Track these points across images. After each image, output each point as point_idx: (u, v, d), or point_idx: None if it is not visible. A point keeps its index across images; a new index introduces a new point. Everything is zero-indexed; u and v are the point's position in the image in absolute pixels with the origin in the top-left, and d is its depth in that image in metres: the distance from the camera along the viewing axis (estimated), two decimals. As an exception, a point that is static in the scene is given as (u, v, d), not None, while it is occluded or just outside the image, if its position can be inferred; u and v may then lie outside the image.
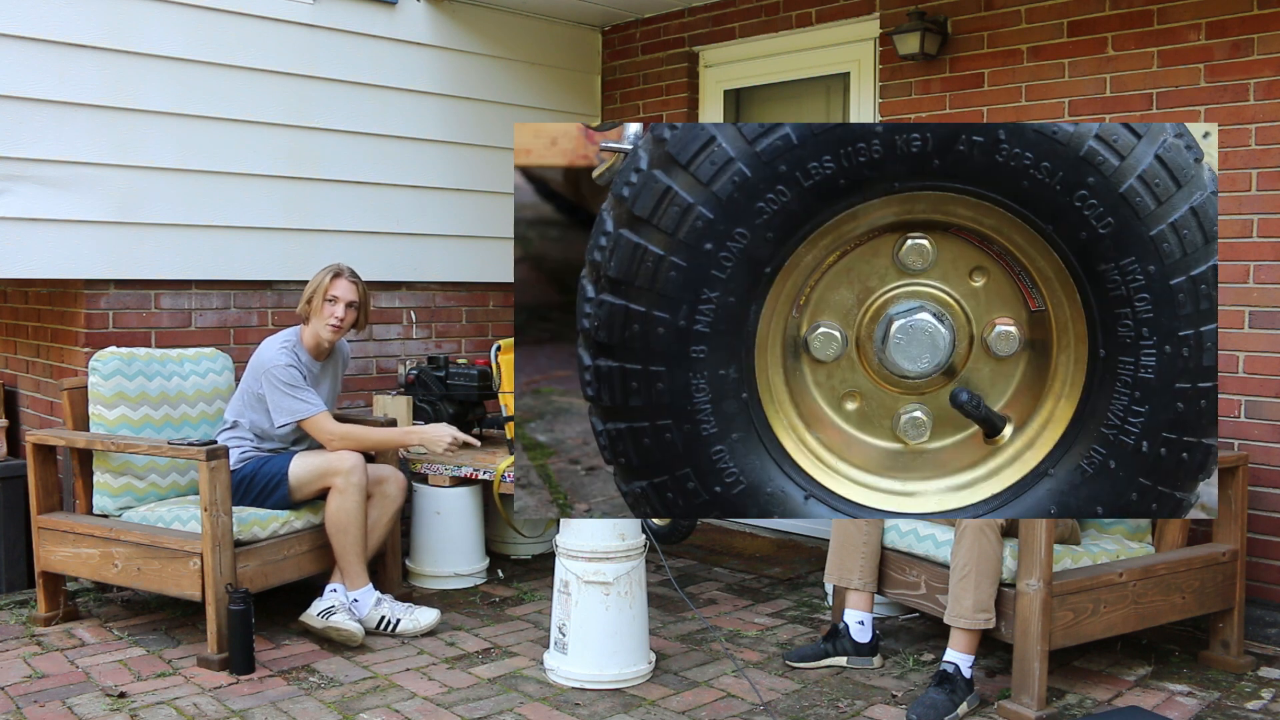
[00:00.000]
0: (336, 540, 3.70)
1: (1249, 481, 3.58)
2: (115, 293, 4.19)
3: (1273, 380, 3.70)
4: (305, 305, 3.86)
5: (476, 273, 5.20)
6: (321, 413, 3.78)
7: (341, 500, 3.68)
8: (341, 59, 4.65)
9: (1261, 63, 3.67)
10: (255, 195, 4.44)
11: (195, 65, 4.24)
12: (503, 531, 4.71)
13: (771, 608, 4.11)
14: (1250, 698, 3.26)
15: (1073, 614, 3.09)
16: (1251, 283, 3.72)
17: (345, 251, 4.65)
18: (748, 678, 3.36)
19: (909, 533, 3.42)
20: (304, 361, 3.85)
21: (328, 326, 3.84)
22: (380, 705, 3.16)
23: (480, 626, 3.87)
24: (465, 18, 5.06)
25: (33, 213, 3.89)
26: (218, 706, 3.13)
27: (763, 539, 5.11)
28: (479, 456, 4.36)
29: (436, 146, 5.00)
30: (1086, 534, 3.54)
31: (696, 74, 5.37)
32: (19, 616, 3.92)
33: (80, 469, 3.84)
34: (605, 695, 3.25)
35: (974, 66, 4.31)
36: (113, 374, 3.82)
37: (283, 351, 3.78)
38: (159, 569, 3.50)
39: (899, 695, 3.25)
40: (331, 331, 3.85)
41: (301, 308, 3.88)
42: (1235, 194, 3.74)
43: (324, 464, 3.71)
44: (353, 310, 3.89)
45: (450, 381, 4.55)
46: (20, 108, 3.85)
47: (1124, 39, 3.95)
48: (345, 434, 3.81)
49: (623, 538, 3.32)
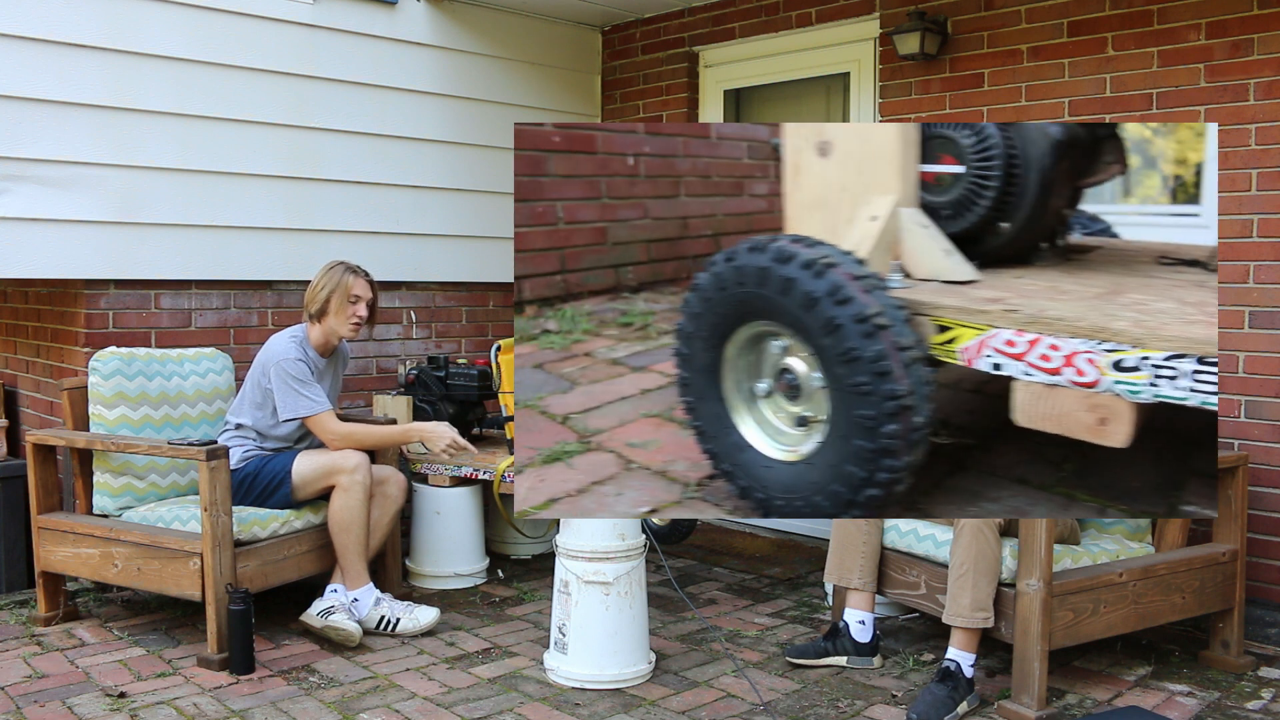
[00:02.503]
0: (339, 539, 3.70)
1: (1249, 481, 3.58)
2: (115, 293, 4.19)
3: (1273, 380, 3.70)
4: (322, 304, 3.83)
5: (476, 273, 5.20)
6: (326, 411, 3.78)
7: (345, 499, 3.68)
8: (341, 59, 4.65)
9: (1261, 63, 3.67)
10: (255, 195, 4.44)
11: (195, 65, 4.24)
12: (503, 531, 4.71)
13: (771, 608, 4.11)
14: (1250, 698, 3.26)
15: (1073, 614, 3.09)
16: (1251, 283, 3.72)
17: (345, 251, 4.64)
18: (748, 678, 3.36)
19: (909, 533, 3.42)
20: (311, 357, 3.85)
21: (349, 325, 3.84)
22: (380, 705, 3.16)
23: (480, 626, 3.87)
24: (465, 18, 5.06)
25: (33, 213, 3.89)
26: (218, 706, 3.13)
27: (763, 539, 5.11)
28: (479, 456, 4.36)
29: (436, 146, 5.00)
30: (1086, 534, 3.54)
31: (696, 74, 5.37)
32: (19, 616, 3.92)
33: (80, 469, 3.84)
34: (605, 695, 3.25)
35: (974, 66, 4.31)
36: (113, 374, 3.82)
37: (292, 345, 3.79)
38: (159, 569, 3.50)
39: (899, 695, 3.25)
40: (352, 330, 3.86)
41: (316, 306, 3.85)
42: (1235, 194, 3.74)
43: (328, 463, 3.72)
44: (368, 309, 3.90)
45: (450, 381, 4.55)
46: (20, 108, 3.85)
47: (1124, 39, 3.95)
48: (348, 433, 3.82)
49: (623, 538, 3.32)
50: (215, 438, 3.85)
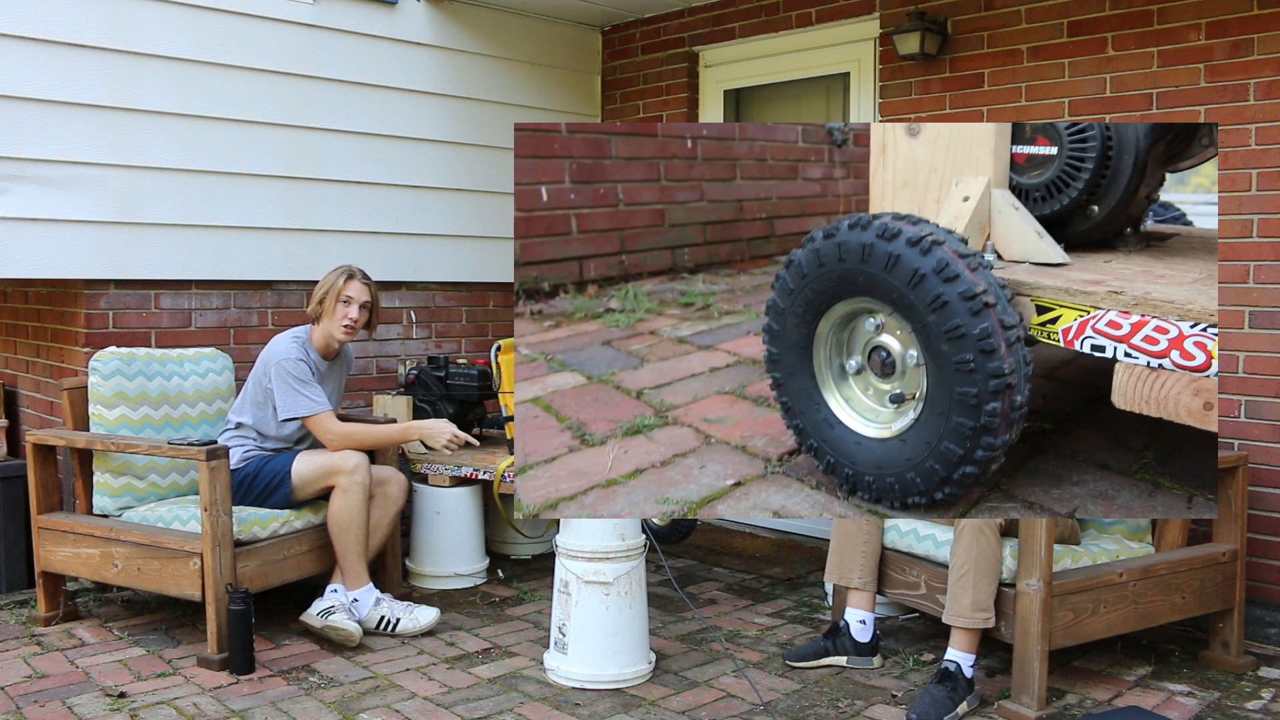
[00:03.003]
0: (338, 540, 3.70)
1: (1249, 481, 3.58)
2: (115, 293, 4.19)
3: (1273, 380, 3.70)
4: (317, 305, 3.86)
5: (476, 273, 5.20)
6: (326, 411, 3.78)
7: (345, 499, 3.68)
8: (341, 59, 4.65)
9: (1261, 63, 3.67)
10: (255, 195, 4.44)
11: (195, 65, 4.24)
12: (503, 531, 4.71)
13: (771, 608, 4.11)
14: (1250, 698, 3.26)
15: (1073, 614, 3.09)
16: (1251, 283, 3.72)
17: (345, 251, 4.65)
18: (748, 678, 3.36)
19: (909, 532, 3.42)
20: (313, 359, 3.85)
21: (341, 328, 3.84)
22: (380, 705, 3.16)
23: (480, 626, 3.87)
24: (465, 18, 5.06)
25: (33, 213, 3.89)
26: (218, 706, 3.13)
27: (763, 539, 5.11)
28: (479, 456, 4.36)
29: (436, 146, 5.00)
30: (1086, 534, 3.54)
31: (696, 74, 5.37)
32: (19, 616, 3.92)
33: (80, 469, 3.84)
34: (605, 695, 3.25)
35: (974, 66, 4.31)
36: (113, 374, 3.82)
37: (294, 345, 3.80)
38: (159, 569, 3.50)
39: (899, 695, 3.25)
40: (344, 332, 3.86)
41: (313, 308, 3.87)
42: (1235, 194, 3.74)
43: (328, 463, 3.72)
44: (365, 311, 3.90)
45: (450, 381, 4.55)
46: (20, 108, 3.85)
47: (1124, 39, 3.95)
48: (347, 433, 3.82)
49: (623, 538, 3.32)
50: (216, 437, 3.85)
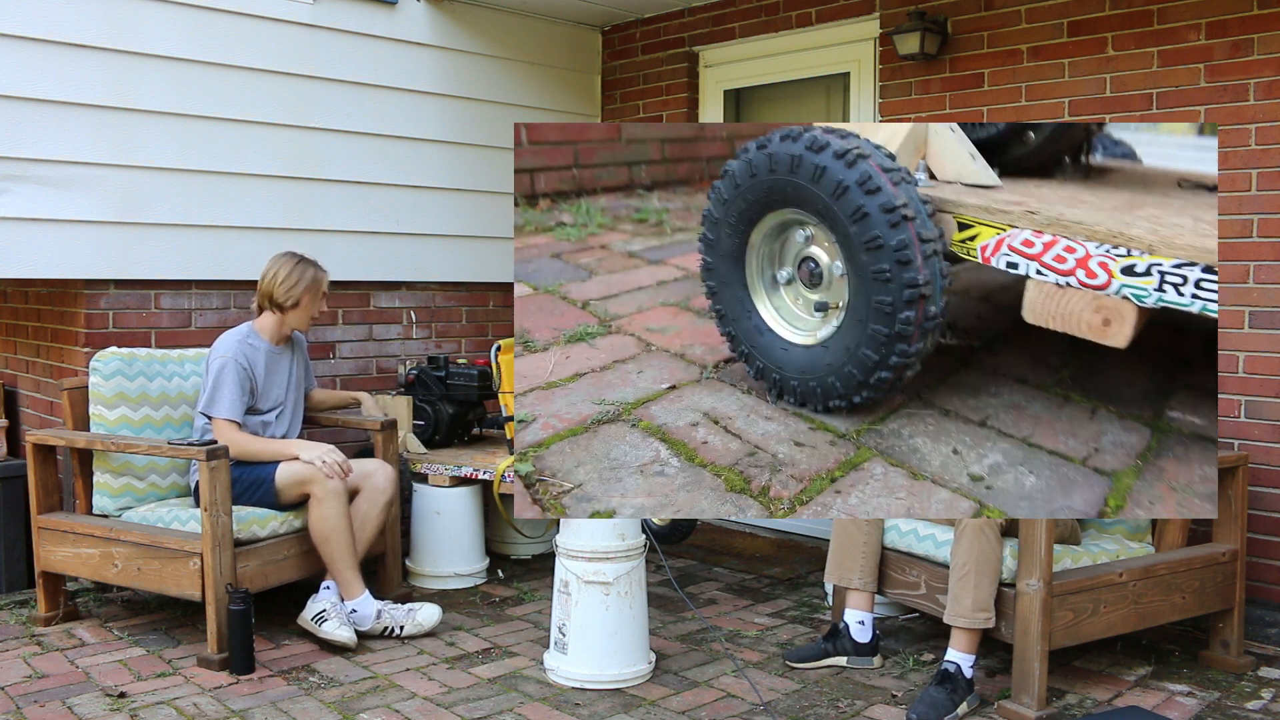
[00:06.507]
0: (322, 550, 3.66)
1: (1249, 481, 3.58)
2: (115, 293, 4.19)
3: (1273, 380, 3.70)
4: (296, 298, 3.82)
5: (476, 273, 5.20)
6: (230, 420, 3.70)
7: (320, 509, 3.63)
8: (341, 59, 4.65)
9: (1261, 63, 3.67)
10: (255, 195, 4.44)
11: (195, 65, 4.24)
12: (503, 531, 4.71)
13: (771, 608, 4.11)
14: (1250, 698, 3.26)
15: (1073, 614, 3.09)
16: (1251, 283, 3.72)
17: (345, 251, 4.66)
18: (748, 678, 3.36)
19: (909, 532, 3.42)
20: (264, 348, 3.84)
21: (309, 320, 3.91)
22: (380, 705, 3.16)
23: (480, 626, 3.87)
24: (465, 18, 5.06)
25: (33, 213, 3.89)
26: (218, 706, 3.13)
27: (763, 539, 5.11)
28: (479, 457, 4.36)
29: (436, 146, 5.00)
30: (1086, 534, 3.54)
31: (696, 74, 5.37)
32: (19, 616, 3.92)
33: (80, 469, 3.84)
34: (605, 695, 3.25)
35: (974, 66, 4.31)
36: (113, 374, 3.82)
37: (235, 345, 3.76)
38: (159, 569, 3.50)
39: (899, 695, 3.25)
40: (309, 324, 3.95)
41: (289, 299, 3.82)
42: (1235, 194, 3.74)
43: (302, 470, 3.66)
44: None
45: (450, 381, 4.56)
46: (20, 108, 3.85)
47: (1124, 39, 3.95)
48: (235, 443, 3.66)
49: (623, 538, 3.32)
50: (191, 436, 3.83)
